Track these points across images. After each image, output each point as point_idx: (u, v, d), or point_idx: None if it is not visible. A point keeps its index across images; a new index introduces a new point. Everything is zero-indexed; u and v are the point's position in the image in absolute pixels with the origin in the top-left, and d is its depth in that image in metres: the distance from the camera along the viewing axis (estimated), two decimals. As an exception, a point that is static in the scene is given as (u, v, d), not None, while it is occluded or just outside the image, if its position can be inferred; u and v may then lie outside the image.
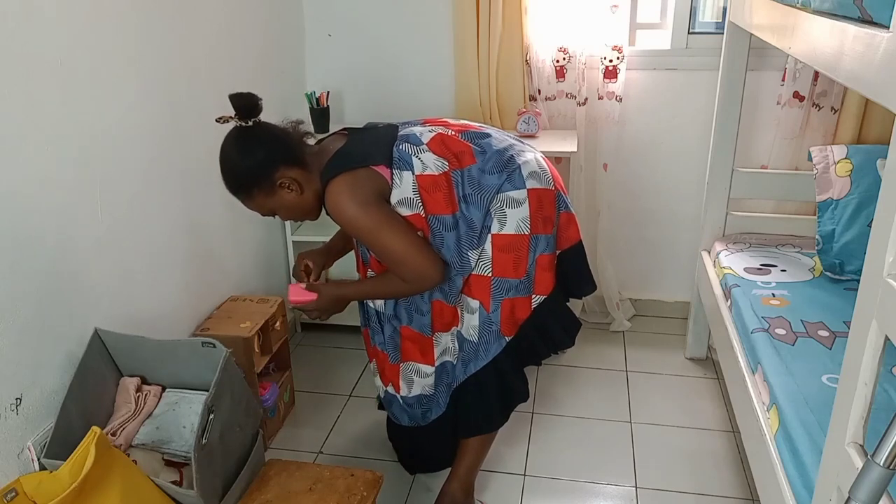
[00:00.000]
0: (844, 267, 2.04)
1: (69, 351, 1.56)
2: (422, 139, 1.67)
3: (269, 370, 2.24)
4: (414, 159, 1.64)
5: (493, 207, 1.67)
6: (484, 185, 1.66)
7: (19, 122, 1.39)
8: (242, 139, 1.59)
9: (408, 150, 1.65)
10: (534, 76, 2.65)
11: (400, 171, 1.63)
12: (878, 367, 0.93)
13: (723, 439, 2.22)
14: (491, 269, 1.70)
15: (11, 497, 1.30)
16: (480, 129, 1.78)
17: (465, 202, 1.66)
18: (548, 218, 1.72)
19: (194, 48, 2.05)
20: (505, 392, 1.85)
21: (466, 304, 1.74)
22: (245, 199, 1.63)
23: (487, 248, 1.69)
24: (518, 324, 1.75)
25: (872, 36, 0.99)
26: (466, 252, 1.68)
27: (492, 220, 1.67)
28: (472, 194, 1.66)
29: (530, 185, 1.69)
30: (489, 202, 1.66)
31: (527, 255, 1.70)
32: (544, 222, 1.72)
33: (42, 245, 1.47)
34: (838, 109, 2.44)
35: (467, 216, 1.67)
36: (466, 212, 1.67)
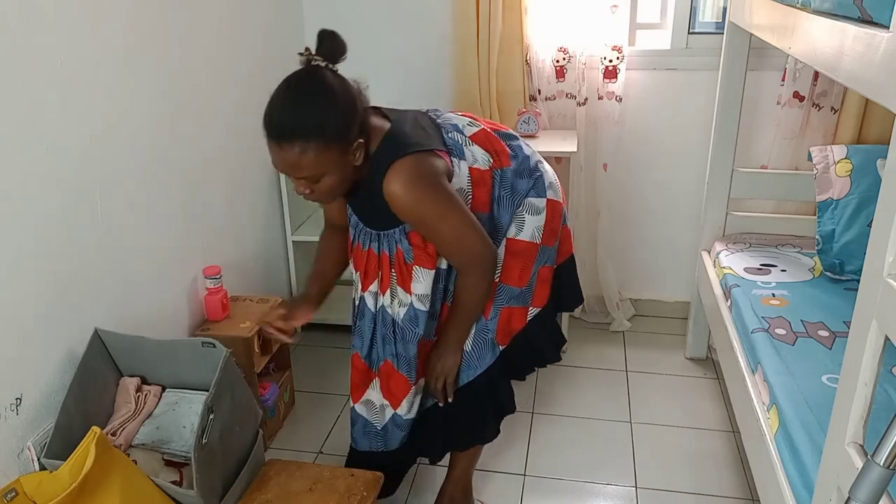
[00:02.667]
0: (844, 267, 2.04)
1: (69, 351, 1.56)
2: (465, 132, 1.60)
3: (269, 370, 2.24)
4: (465, 150, 1.57)
5: (517, 212, 1.64)
6: (516, 189, 1.63)
7: (19, 123, 1.39)
8: (340, 81, 1.40)
9: (458, 139, 1.57)
10: (534, 76, 2.65)
11: (458, 160, 1.55)
12: (878, 367, 0.93)
13: (723, 439, 2.22)
14: (499, 274, 1.65)
15: (11, 497, 1.30)
16: (507, 129, 1.75)
17: (498, 204, 1.62)
18: (555, 230, 1.70)
19: (194, 48, 2.05)
20: (497, 403, 1.79)
21: None
22: (315, 148, 1.34)
23: (501, 252, 1.64)
24: (512, 334, 1.71)
25: (872, 36, 0.99)
26: None
27: (510, 225, 1.64)
28: (504, 196, 1.62)
29: (549, 194, 1.67)
30: (517, 206, 1.63)
31: (532, 264, 1.67)
32: (552, 234, 1.69)
33: (42, 245, 1.47)
34: (838, 109, 2.44)
35: (496, 218, 1.62)
36: (497, 213, 1.62)
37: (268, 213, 2.58)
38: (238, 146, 2.34)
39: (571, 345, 2.75)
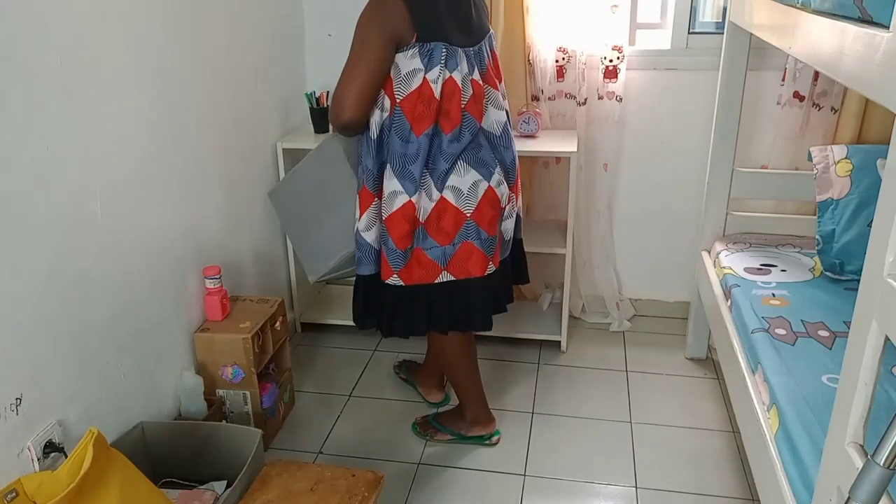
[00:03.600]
0: (844, 267, 2.04)
1: (69, 351, 1.56)
2: (456, 79, 1.75)
3: (269, 370, 2.23)
4: (435, 70, 1.71)
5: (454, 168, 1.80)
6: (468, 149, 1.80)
7: (19, 122, 1.39)
8: None
9: (441, 57, 1.71)
10: (536, 76, 2.65)
11: (429, 57, 1.71)
12: (879, 367, 0.93)
13: (723, 439, 2.22)
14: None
15: (12, 497, 1.30)
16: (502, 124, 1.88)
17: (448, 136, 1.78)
18: (488, 220, 1.87)
19: (194, 49, 2.05)
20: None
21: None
22: None
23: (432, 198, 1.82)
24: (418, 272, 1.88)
25: (872, 36, 0.99)
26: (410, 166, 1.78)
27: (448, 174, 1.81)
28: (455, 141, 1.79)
29: (493, 183, 1.85)
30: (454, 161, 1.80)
31: (454, 229, 1.86)
32: (488, 222, 1.87)
33: (42, 245, 1.47)
34: (838, 109, 2.44)
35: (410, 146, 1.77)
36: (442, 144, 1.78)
37: (268, 212, 2.58)
38: (238, 146, 2.34)
39: (571, 345, 2.75)
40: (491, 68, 1.87)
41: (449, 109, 1.76)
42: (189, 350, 2.05)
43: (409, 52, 1.71)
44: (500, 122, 1.88)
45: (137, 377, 1.82)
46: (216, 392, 2.07)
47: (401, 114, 1.75)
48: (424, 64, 1.71)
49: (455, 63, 1.74)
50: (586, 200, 2.79)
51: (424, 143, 1.76)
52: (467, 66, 1.77)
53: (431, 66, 1.71)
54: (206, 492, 1.70)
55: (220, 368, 2.05)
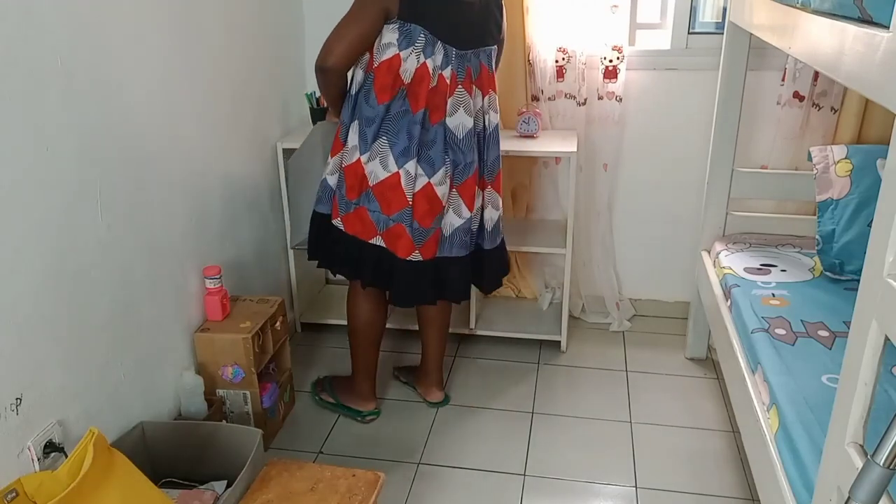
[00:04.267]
0: (844, 267, 2.04)
1: (69, 351, 1.56)
2: (432, 65, 1.87)
3: (269, 370, 2.23)
4: (411, 51, 1.86)
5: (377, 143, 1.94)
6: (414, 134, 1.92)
7: (19, 122, 1.39)
8: None
9: (419, 41, 1.85)
10: (536, 76, 2.65)
11: (406, 37, 1.85)
12: (878, 367, 0.93)
13: (723, 439, 2.22)
14: None
15: (12, 497, 1.30)
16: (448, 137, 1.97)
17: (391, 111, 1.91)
18: (388, 201, 1.99)
19: (194, 48, 2.05)
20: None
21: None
22: None
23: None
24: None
25: (872, 36, 0.99)
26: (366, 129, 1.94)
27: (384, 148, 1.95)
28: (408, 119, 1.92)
29: (399, 165, 1.96)
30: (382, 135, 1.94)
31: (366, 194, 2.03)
32: (386, 202, 1.99)
33: (42, 245, 1.47)
34: (838, 109, 2.44)
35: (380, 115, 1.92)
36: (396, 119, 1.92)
37: (268, 212, 2.58)
38: (239, 146, 2.34)
39: (571, 345, 2.75)
40: (471, 78, 1.97)
41: (418, 92, 1.89)
42: (189, 350, 2.05)
43: (392, 26, 1.87)
44: (465, 127, 1.98)
45: (137, 377, 1.82)
46: (216, 392, 2.07)
47: (372, 79, 1.91)
48: (399, 41, 1.87)
49: (431, 52, 1.88)
50: (586, 200, 2.79)
51: (381, 112, 1.91)
52: (441, 60, 1.90)
53: (407, 45, 1.87)
54: (206, 492, 1.70)
55: (221, 368, 2.05)
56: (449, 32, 1.89)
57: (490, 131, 2.07)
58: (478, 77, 1.99)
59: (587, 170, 2.74)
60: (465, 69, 1.95)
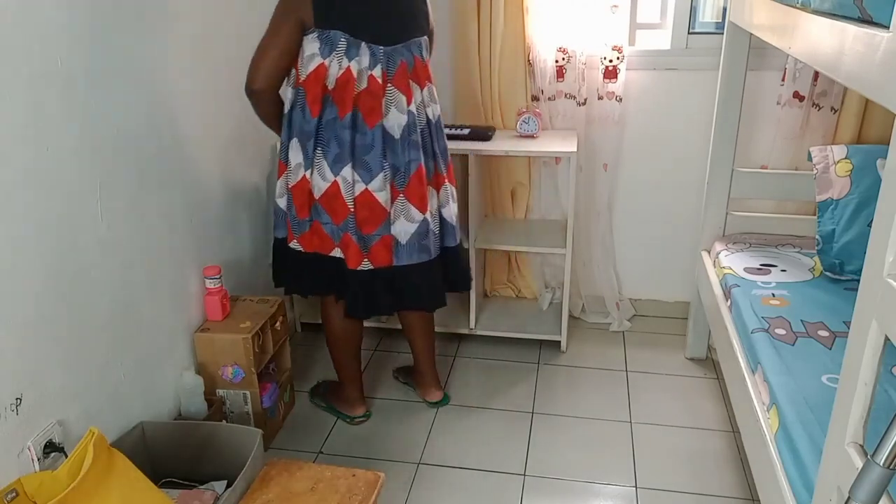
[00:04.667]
0: (844, 267, 2.04)
1: (69, 351, 1.56)
2: (356, 70, 1.86)
3: (269, 370, 2.23)
4: (333, 57, 1.86)
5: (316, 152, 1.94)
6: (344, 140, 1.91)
7: (19, 123, 1.39)
8: None
9: (340, 45, 1.85)
10: (537, 76, 2.65)
11: (327, 44, 1.85)
12: (878, 367, 0.93)
13: (723, 439, 2.22)
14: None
15: (12, 497, 1.30)
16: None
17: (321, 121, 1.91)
18: (335, 210, 1.98)
19: (194, 48, 2.05)
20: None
21: None
22: None
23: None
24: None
25: (872, 36, 0.99)
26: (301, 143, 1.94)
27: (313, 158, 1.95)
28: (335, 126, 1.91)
29: (336, 173, 1.95)
30: (320, 146, 1.93)
31: (306, 206, 2.03)
32: (332, 210, 1.99)
33: (42, 245, 1.47)
34: (838, 109, 2.44)
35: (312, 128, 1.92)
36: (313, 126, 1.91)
37: (268, 212, 2.58)
38: (238, 145, 2.34)
39: (571, 345, 2.75)
40: (407, 73, 1.93)
41: (343, 97, 1.87)
42: (189, 350, 2.05)
43: (311, 36, 1.86)
44: (400, 125, 1.94)
45: (137, 377, 1.82)
46: (216, 392, 2.07)
47: (303, 93, 1.91)
48: (321, 49, 1.86)
49: (354, 54, 1.86)
50: (586, 200, 2.79)
51: (316, 124, 1.91)
52: (368, 61, 1.87)
53: (329, 52, 1.86)
54: (206, 492, 1.70)
55: (221, 368, 2.05)
56: (371, 31, 1.86)
57: (434, 122, 2.04)
58: (413, 71, 1.95)
59: (587, 170, 2.74)
60: (398, 65, 1.91)
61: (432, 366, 2.41)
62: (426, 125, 2.02)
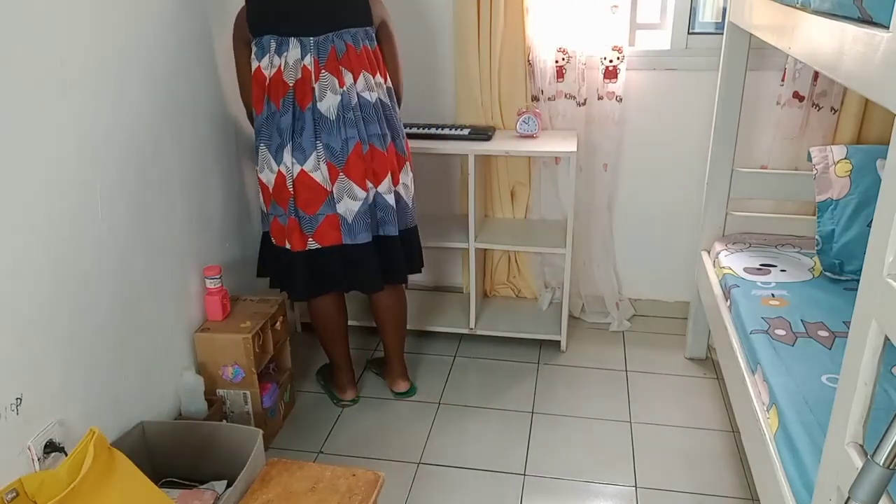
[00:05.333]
0: (844, 267, 2.04)
1: (69, 351, 1.56)
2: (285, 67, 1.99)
3: (269, 370, 2.24)
4: (266, 58, 2.01)
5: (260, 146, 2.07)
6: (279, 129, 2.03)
7: (20, 123, 1.39)
8: None
9: (271, 46, 1.99)
10: (536, 76, 2.65)
11: (260, 48, 2.02)
12: (878, 367, 0.93)
13: (723, 439, 2.22)
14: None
15: (12, 497, 1.30)
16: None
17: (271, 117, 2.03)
18: (281, 198, 2.09)
19: (194, 48, 2.05)
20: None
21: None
22: None
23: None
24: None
25: (872, 36, 0.99)
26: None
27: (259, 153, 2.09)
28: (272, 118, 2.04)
29: (282, 168, 2.06)
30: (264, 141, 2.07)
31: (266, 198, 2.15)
32: (279, 198, 2.09)
33: (42, 245, 1.47)
34: (838, 109, 2.44)
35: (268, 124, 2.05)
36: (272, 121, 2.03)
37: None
38: (238, 145, 2.34)
39: (571, 344, 2.75)
40: (338, 59, 2.01)
41: (278, 91, 2.00)
42: (189, 350, 2.05)
43: (252, 45, 2.04)
44: (334, 107, 2.02)
45: (137, 377, 1.82)
46: (216, 392, 2.07)
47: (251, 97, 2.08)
48: (256, 54, 2.02)
49: (285, 49, 1.99)
50: (586, 200, 2.79)
51: (261, 121, 2.05)
52: (299, 53, 1.99)
53: (262, 54, 2.01)
54: (206, 491, 1.70)
55: (221, 368, 2.05)
56: (299, 26, 1.98)
57: (373, 104, 2.07)
58: (344, 57, 2.01)
59: (587, 170, 2.74)
60: (328, 51, 2.00)
61: (401, 357, 2.47)
62: (359, 107, 2.05)
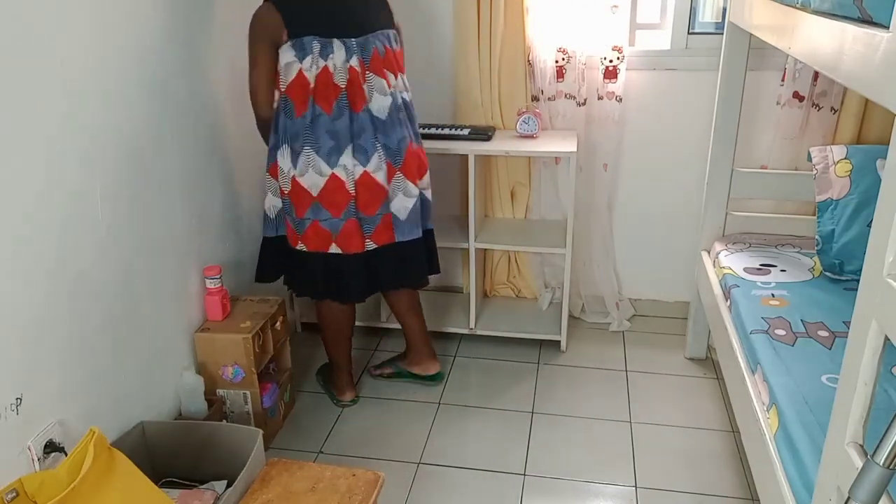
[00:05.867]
0: (844, 267, 2.04)
1: (69, 351, 1.56)
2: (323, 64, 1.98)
3: (269, 370, 2.24)
4: (310, 60, 1.97)
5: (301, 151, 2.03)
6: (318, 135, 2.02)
7: (19, 123, 1.39)
8: None
9: (314, 48, 1.96)
10: (536, 76, 2.65)
11: (301, 50, 1.96)
12: (878, 366, 0.93)
13: (723, 439, 2.22)
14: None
15: (12, 497, 1.30)
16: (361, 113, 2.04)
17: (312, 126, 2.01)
18: (335, 203, 2.06)
19: (194, 48, 2.05)
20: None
21: None
22: None
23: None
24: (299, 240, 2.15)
25: (872, 36, 0.99)
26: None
27: (298, 161, 2.03)
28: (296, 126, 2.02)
29: (338, 172, 2.04)
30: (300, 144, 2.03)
31: (304, 206, 2.09)
32: (330, 203, 2.06)
33: (42, 245, 1.47)
34: (838, 109, 2.44)
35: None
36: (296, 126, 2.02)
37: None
38: (238, 145, 2.34)
39: (571, 344, 2.75)
40: (381, 60, 2.06)
41: (327, 94, 1.99)
42: (189, 350, 2.05)
43: (285, 47, 1.97)
44: (385, 107, 2.06)
45: (137, 377, 1.82)
46: (216, 392, 2.07)
47: (286, 99, 2.01)
48: (297, 56, 1.97)
49: (329, 51, 1.97)
50: (586, 200, 2.79)
51: (301, 125, 2.00)
52: (344, 55, 1.99)
53: (304, 56, 1.96)
54: (206, 491, 1.70)
55: (221, 368, 2.05)
56: (341, 27, 1.99)
57: (410, 104, 2.17)
58: (384, 58, 2.06)
59: (587, 170, 2.74)
60: (371, 52, 2.03)
61: (428, 340, 2.50)
62: (404, 107, 2.14)
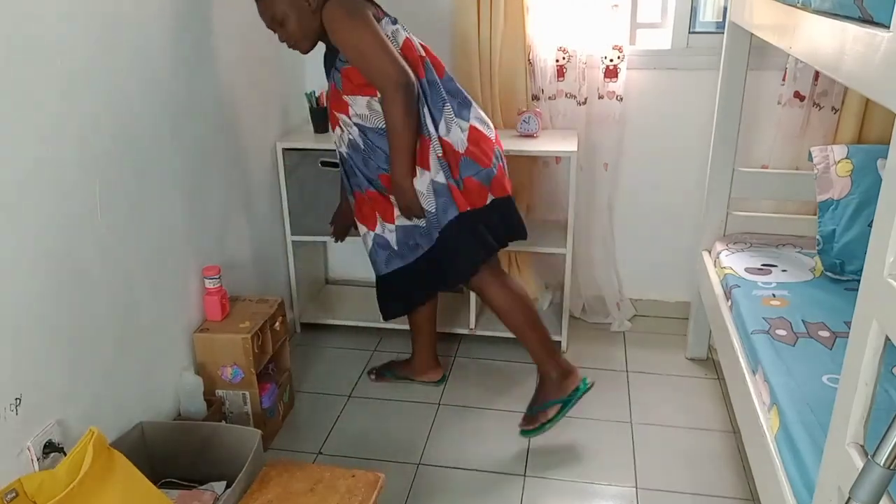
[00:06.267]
0: (845, 267, 2.04)
1: (69, 351, 1.56)
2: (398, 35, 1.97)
3: (269, 370, 2.23)
4: (402, 32, 1.98)
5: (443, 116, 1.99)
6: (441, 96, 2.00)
7: (19, 122, 1.39)
8: None
9: (392, 22, 1.98)
10: (537, 75, 2.65)
11: (394, 22, 1.97)
12: (879, 367, 0.93)
13: (723, 439, 2.22)
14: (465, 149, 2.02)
15: (12, 497, 1.30)
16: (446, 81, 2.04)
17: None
18: (484, 153, 2.04)
19: (194, 48, 2.05)
20: (480, 240, 2.10)
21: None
22: None
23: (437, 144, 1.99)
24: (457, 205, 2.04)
25: (873, 36, 0.99)
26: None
27: (440, 123, 1.99)
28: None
29: (474, 122, 2.05)
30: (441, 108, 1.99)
31: (456, 167, 2.02)
32: (480, 154, 2.03)
33: (42, 245, 1.47)
34: (839, 109, 2.43)
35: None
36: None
37: (267, 212, 2.58)
38: (238, 145, 2.34)
39: (572, 345, 2.75)
40: None
41: (432, 59, 2.01)
42: (189, 350, 2.05)
43: (382, 22, 1.95)
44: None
45: (137, 377, 1.82)
46: (216, 392, 2.07)
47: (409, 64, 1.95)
48: (397, 25, 1.98)
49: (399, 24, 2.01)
50: (586, 200, 2.79)
51: (425, 87, 1.97)
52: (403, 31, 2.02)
53: (398, 24, 1.99)
54: (205, 492, 1.70)
55: (220, 368, 2.05)
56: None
57: None
58: None
59: (587, 169, 2.74)
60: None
61: (436, 350, 2.53)
62: None
